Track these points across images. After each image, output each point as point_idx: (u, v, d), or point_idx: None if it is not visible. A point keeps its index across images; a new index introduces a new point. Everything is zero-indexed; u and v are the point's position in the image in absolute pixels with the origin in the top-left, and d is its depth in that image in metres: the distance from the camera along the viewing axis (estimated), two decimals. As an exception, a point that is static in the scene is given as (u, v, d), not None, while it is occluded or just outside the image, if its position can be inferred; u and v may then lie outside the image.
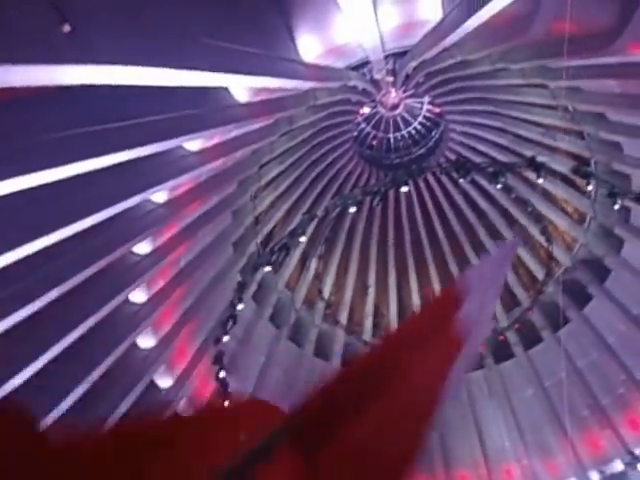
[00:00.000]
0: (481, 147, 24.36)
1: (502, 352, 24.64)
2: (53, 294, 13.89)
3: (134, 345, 17.37)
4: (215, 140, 17.40)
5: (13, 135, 11.18)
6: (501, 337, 24.20)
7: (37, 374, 13.77)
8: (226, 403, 15.15)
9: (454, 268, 25.80)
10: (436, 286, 26.10)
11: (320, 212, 19.42)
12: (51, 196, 13.02)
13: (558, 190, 23.66)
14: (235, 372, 20.07)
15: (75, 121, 12.20)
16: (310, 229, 21.19)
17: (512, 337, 24.56)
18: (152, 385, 17.97)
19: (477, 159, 22.74)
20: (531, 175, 19.34)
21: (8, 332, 12.88)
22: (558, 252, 23.64)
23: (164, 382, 18.63)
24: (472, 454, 23.38)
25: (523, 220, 24.90)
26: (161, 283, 18.33)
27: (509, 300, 25.25)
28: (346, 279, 25.87)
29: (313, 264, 24.64)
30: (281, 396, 22.90)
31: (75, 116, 12.38)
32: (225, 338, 18.44)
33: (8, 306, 12.88)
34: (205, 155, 17.10)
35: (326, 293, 25.07)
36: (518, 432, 23.09)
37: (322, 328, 24.91)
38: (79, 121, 12.24)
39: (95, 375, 15.20)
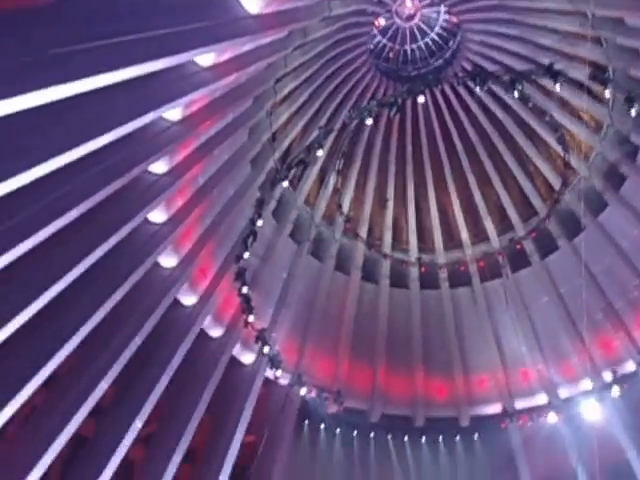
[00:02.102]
0: (498, 57, 21.99)
1: (519, 261, 23.30)
2: (72, 214, 12.66)
3: (156, 264, 16.21)
4: (227, 55, 15.56)
5: (15, 51, 9.92)
6: (518, 246, 22.87)
7: (59, 295, 12.71)
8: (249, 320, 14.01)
9: (472, 179, 24.04)
10: (454, 198, 24.45)
11: (337, 125, 17.79)
12: (61, 115, 11.69)
13: (575, 98, 21.54)
14: (257, 288, 19.02)
15: (81, 36, 10.76)
16: (327, 143, 19.58)
17: (529, 246, 23.13)
18: (176, 303, 16.97)
19: (494, 69, 20.64)
20: (548, 83, 18.12)
21: (28, 253, 11.73)
22: (575, 161, 21.88)
23: (188, 300, 17.61)
24: (490, 360, 22.61)
25: (540, 129, 22.86)
26: (180, 202, 16.91)
27: (526, 210, 23.60)
28: (365, 193, 24.27)
29: (332, 179, 23.04)
30: (303, 311, 22.12)
31: (81, 30, 10.95)
32: (246, 255, 17.25)
33: (26, 227, 11.77)
34: (218, 70, 15.38)
35: (345, 208, 23.59)
36: (534, 338, 22.23)
37: (342, 243, 23.58)
38: (85, 36, 10.79)
39: (118, 295, 14.11)
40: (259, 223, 17.40)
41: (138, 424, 14.71)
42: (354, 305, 22.86)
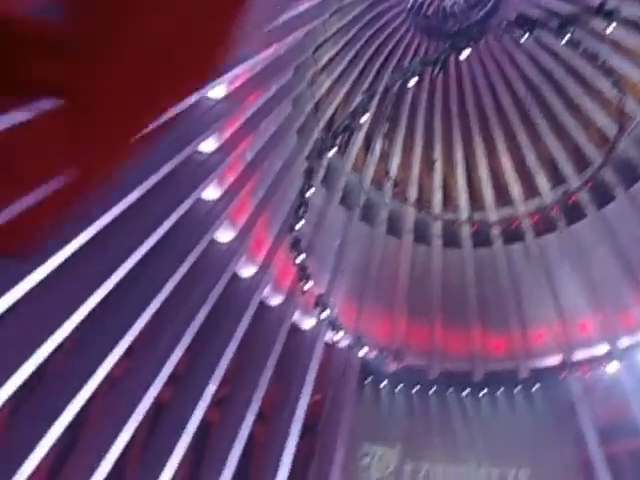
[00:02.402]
0: (543, 1, 20.91)
1: (574, 214, 22.62)
2: (129, 199, 13.27)
3: (213, 241, 16.77)
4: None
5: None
6: (572, 199, 22.13)
7: (124, 277, 13.45)
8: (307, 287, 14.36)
9: (521, 134, 23.27)
10: (504, 153, 23.82)
11: (380, 88, 17.50)
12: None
13: (629, 39, 20.32)
14: (312, 256, 19.34)
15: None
16: (371, 108, 19.38)
17: (584, 197, 22.35)
18: (235, 276, 17.57)
19: (540, 15, 19.64)
20: (599, 25, 16.91)
21: (88, 242, 12.43)
22: (630, 105, 20.74)
23: (247, 272, 18.18)
24: (547, 313, 22.28)
25: (592, 76, 21.76)
26: (231, 178, 17.32)
27: (579, 161, 22.74)
28: (412, 156, 23.99)
29: (378, 144, 22.87)
30: (358, 276, 22.40)
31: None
32: (299, 225, 17.54)
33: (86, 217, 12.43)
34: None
35: (393, 172, 23.42)
36: (593, 289, 21.65)
37: (392, 207, 23.53)
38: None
39: (179, 274, 14.76)
40: (309, 193, 17.56)
41: (212, 389, 15.52)
42: (408, 267, 22.94)
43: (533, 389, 21.93)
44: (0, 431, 12.99)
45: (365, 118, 17.47)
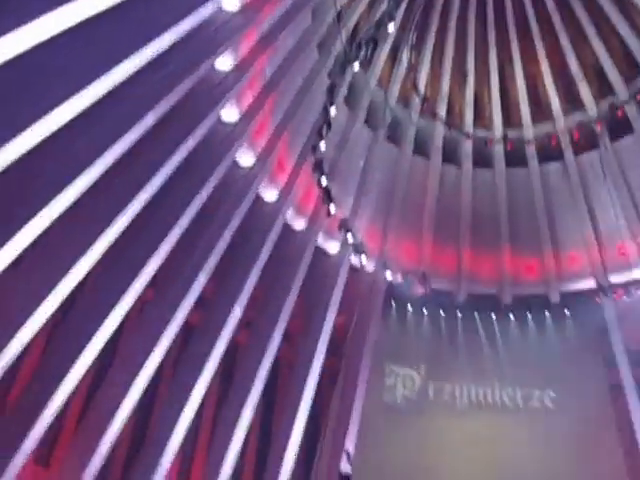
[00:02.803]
0: None
1: (619, 128, 21.61)
2: (148, 121, 13.14)
3: (234, 164, 16.71)
4: None
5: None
6: (619, 112, 20.99)
7: (146, 204, 13.57)
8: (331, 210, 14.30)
9: (564, 39, 21.69)
10: (543, 62, 22.36)
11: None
12: (122, 16, 11.84)
13: None
14: (336, 178, 19.20)
15: None
16: (398, 17, 18.30)
17: (632, 110, 21.16)
18: (258, 199, 17.60)
19: None
20: None
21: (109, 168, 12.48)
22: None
23: (269, 196, 18.22)
24: (583, 236, 22.01)
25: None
26: (250, 98, 16.96)
27: (629, 70, 21.31)
28: (442, 68, 22.88)
29: (405, 56, 21.80)
30: (383, 198, 22.17)
31: None
32: (322, 145, 17.25)
33: (105, 140, 12.43)
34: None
35: (421, 86, 22.47)
36: (634, 210, 21.02)
37: (420, 125, 22.82)
38: None
39: (199, 200, 14.88)
40: (332, 111, 17.08)
41: (238, 312, 16.03)
42: (435, 189, 22.62)
43: (564, 313, 22.00)
44: (38, 355, 13.79)
45: (392, 28, 16.52)
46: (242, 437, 16.07)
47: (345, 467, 14.98)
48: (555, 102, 22.83)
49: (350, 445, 17.47)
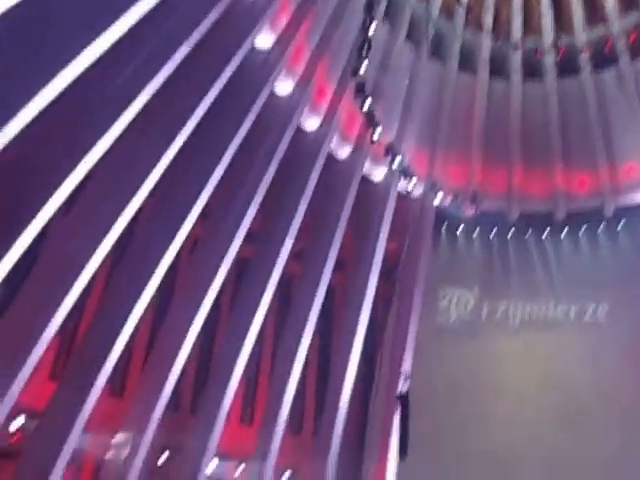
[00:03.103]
0: None
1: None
2: (183, 50, 12.78)
3: (273, 93, 16.23)
4: None
5: None
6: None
7: (188, 140, 13.42)
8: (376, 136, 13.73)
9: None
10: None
11: None
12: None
13: None
14: (380, 101, 18.45)
15: None
16: None
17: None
18: (300, 130, 17.19)
19: None
20: None
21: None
22: None
23: (311, 124, 17.75)
24: (640, 146, 20.69)
25: None
26: (284, 21, 16.19)
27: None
28: (486, -27, 21.18)
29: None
30: (429, 119, 21.31)
31: None
32: (363, 66, 16.47)
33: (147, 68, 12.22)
34: None
35: (465, -4, 20.95)
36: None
37: (465, 38, 21.41)
38: None
39: (243, 130, 14.60)
40: (371, 28, 16.18)
41: (289, 243, 16.07)
42: (483, 105, 21.53)
43: (619, 227, 21.33)
44: (99, 294, 14.26)
45: None
46: (302, 363, 16.55)
47: (402, 388, 15.30)
48: (610, 1, 21.01)
49: (406, 367, 17.79)
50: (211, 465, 14.69)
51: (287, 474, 17.09)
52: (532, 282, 21.13)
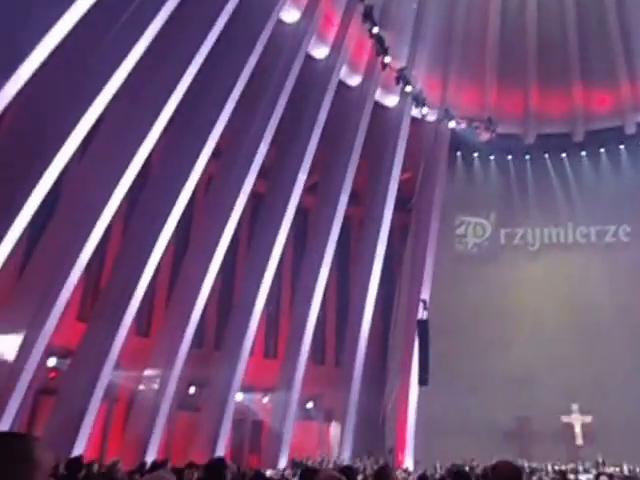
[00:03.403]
0: None
1: None
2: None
3: (280, 22, 15.63)
4: None
5: None
6: None
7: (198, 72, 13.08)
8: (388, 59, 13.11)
9: None
10: None
11: None
12: None
13: None
14: (388, 26, 17.74)
15: None
16: None
17: None
18: (310, 59, 16.65)
19: None
20: None
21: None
22: None
23: (320, 52, 17.18)
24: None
25: None
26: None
27: None
28: None
29: None
30: (441, 42, 20.35)
31: None
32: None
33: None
34: None
35: None
36: None
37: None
38: None
39: (253, 60, 14.17)
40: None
41: (302, 177, 15.92)
42: (497, 24, 20.50)
43: (640, 145, 20.64)
44: (119, 237, 14.41)
45: None
46: (321, 296, 16.79)
47: (422, 314, 15.44)
48: None
49: (425, 294, 17.94)
50: (238, 396, 15.29)
51: (311, 403, 17.79)
52: (551, 206, 20.85)
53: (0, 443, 1.31)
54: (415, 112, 19.06)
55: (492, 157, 21.32)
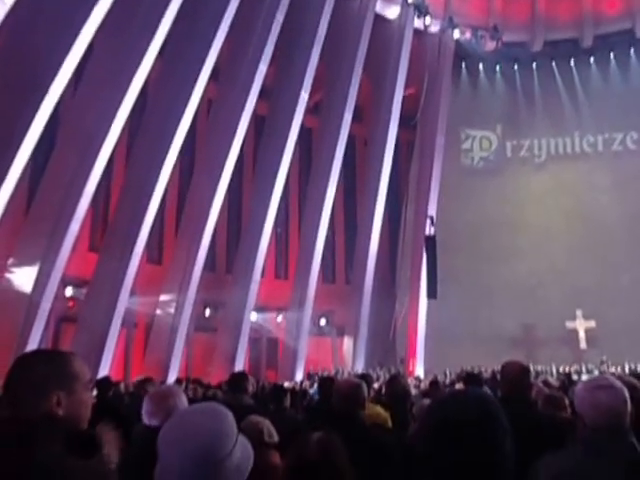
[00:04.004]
0: None
1: None
2: None
3: None
4: None
5: None
6: None
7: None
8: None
9: None
10: None
11: None
12: None
13: None
14: None
15: None
16: None
17: None
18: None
19: None
20: None
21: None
22: None
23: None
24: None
25: None
26: None
27: None
28: None
29: None
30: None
31: None
32: None
33: None
34: None
35: None
36: None
37: None
38: None
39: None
40: None
41: (304, 95, 15.49)
42: None
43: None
44: (123, 166, 14.24)
45: None
46: (328, 216, 16.80)
47: (429, 230, 15.46)
48: None
49: (432, 209, 17.91)
50: (253, 315, 15.70)
51: (323, 320, 18.27)
52: (558, 115, 20.36)
53: (41, 358, 1.38)
54: (418, 23, 18.18)
55: (498, 67, 20.56)
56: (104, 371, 11.51)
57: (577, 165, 20.42)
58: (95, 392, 4.62)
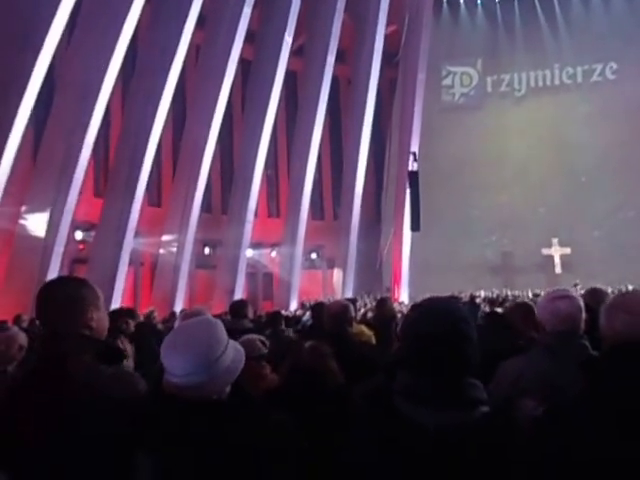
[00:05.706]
0: None
1: None
2: None
3: None
4: None
5: None
6: None
7: None
8: None
9: None
10: None
11: None
12: None
13: None
14: None
15: None
16: None
17: None
18: None
19: None
20: None
21: None
22: None
23: None
24: None
25: None
26: None
27: None
28: None
29: None
30: None
31: None
32: None
33: None
34: None
35: None
36: None
37: None
38: None
39: None
40: None
41: (288, 39, 16.08)
42: None
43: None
44: (120, 117, 15.00)
45: None
46: (316, 155, 17.77)
47: (412, 166, 16.36)
48: None
49: (415, 146, 18.80)
50: (248, 252, 17.03)
51: (314, 254, 19.72)
52: (538, 48, 20.91)
53: (76, 281, 1.71)
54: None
55: (479, 1, 20.92)
56: (115, 305, 12.84)
57: (556, 98, 21.20)
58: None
